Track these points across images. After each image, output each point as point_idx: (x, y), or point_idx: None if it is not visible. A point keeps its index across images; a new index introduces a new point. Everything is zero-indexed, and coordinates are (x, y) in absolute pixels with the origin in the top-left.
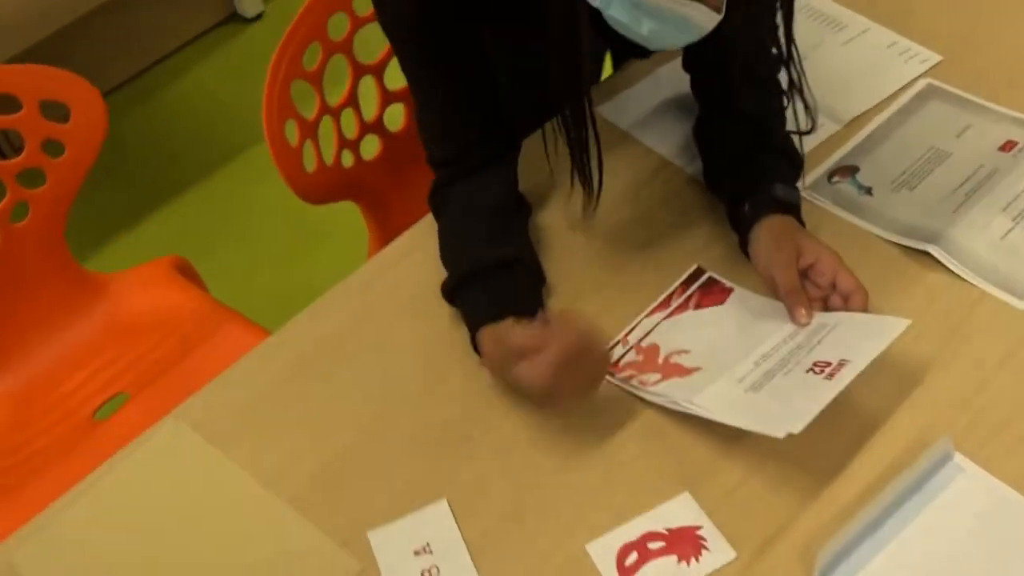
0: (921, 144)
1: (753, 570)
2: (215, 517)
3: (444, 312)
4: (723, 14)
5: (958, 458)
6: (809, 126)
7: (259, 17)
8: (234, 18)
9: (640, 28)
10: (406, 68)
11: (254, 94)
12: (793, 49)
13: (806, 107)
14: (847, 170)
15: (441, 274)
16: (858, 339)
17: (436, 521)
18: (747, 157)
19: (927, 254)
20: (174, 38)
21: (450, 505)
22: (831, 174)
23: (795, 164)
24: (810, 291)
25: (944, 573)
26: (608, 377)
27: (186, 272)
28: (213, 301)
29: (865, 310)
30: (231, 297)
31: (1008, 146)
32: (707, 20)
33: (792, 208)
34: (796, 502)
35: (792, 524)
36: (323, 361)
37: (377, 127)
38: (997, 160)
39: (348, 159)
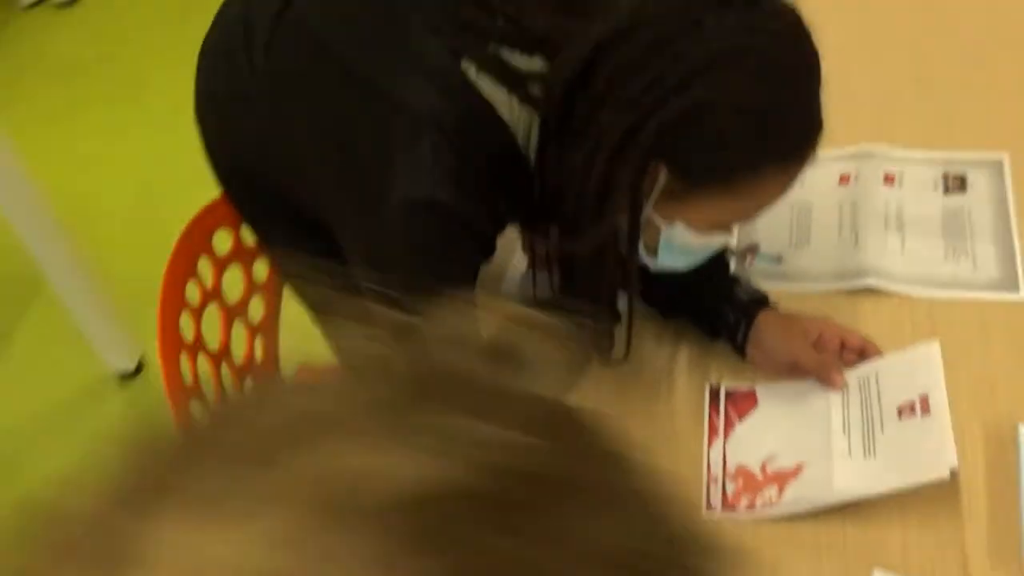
0: (782, 205)
1: None
2: None
3: None
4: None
5: None
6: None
7: None
8: None
9: (678, 265)
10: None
11: None
12: None
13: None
14: (751, 250)
15: None
16: (910, 374)
17: None
18: (698, 279)
19: (863, 290)
20: None
21: None
22: (742, 259)
23: (729, 269)
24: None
25: None
26: (732, 514)
27: None
28: None
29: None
30: None
31: (844, 179)
32: (724, 240)
33: (766, 300)
34: (953, 530)
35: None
36: None
37: None
38: (846, 194)
39: None
